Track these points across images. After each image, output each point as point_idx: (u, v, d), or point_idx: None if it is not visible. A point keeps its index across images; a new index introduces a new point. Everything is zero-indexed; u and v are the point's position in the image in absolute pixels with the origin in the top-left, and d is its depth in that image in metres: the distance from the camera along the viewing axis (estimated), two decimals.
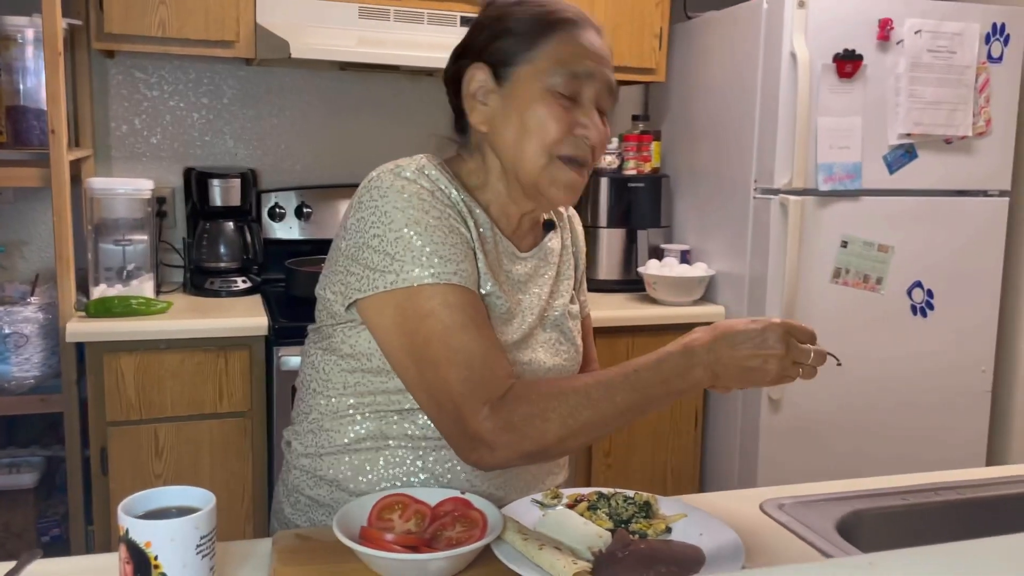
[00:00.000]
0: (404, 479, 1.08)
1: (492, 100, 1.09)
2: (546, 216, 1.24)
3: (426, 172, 1.07)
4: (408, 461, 1.08)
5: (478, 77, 1.09)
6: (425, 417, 1.07)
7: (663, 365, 0.96)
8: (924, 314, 2.45)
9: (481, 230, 1.10)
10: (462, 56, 1.12)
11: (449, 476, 1.08)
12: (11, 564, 0.87)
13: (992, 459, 2.65)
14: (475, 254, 1.07)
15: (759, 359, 0.93)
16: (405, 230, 1.01)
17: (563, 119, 1.06)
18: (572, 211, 1.32)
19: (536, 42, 1.07)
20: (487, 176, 1.13)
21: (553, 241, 1.22)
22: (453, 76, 1.13)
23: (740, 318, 1.01)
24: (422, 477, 1.08)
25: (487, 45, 1.09)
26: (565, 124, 1.06)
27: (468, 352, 0.99)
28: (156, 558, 0.80)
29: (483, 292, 1.07)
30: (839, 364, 0.98)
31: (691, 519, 1.03)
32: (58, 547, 2.19)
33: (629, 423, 0.99)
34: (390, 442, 1.08)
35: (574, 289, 1.26)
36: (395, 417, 1.08)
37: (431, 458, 1.08)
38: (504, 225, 1.15)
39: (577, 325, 1.24)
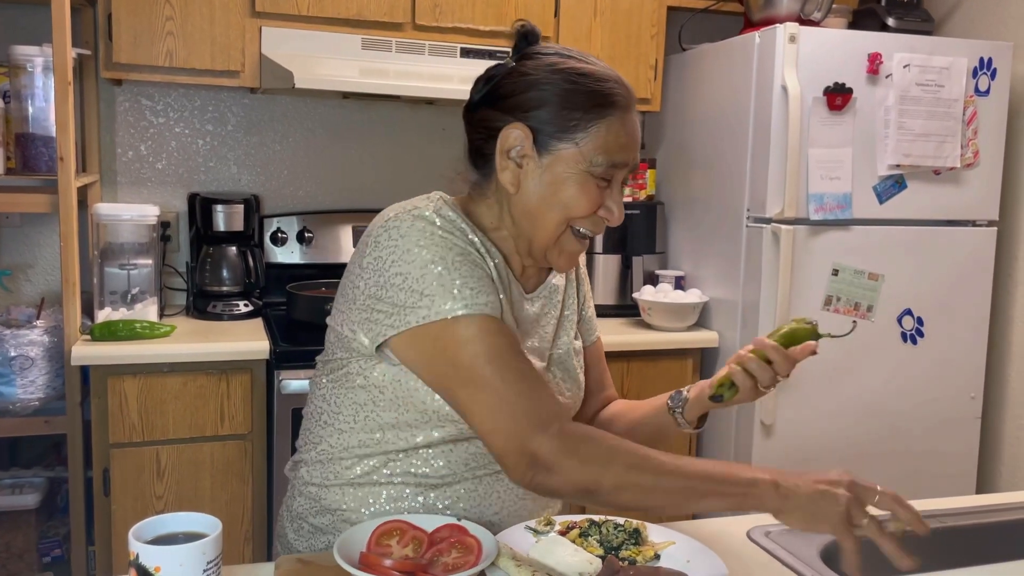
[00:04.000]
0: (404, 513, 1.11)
1: (528, 165, 1.09)
2: None
3: (443, 213, 1.09)
4: (409, 497, 1.12)
5: (519, 139, 1.08)
6: (427, 456, 1.10)
7: (733, 466, 1.00)
8: (914, 341, 2.49)
9: (497, 270, 1.13)
10: (495, 100, 1.11)
11: (448, 513, 1.12)
12: None
13: (982, 485, 2.68)
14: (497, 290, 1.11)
15: (827, 484, 0.97)
16: (431, 266, 1.04)
17: (594, 200, 1.09)
18: None
19: (586, 126, 1.07)
20: (500, 222, 1.15)
21: (557, 279, 1.24)
22: (482, 119, 1.12)
23: None
24: (422, 513, 1.11)
25: (529, 108, 1.08)
26: (595, 205, 1.09)
27: (520, 371, 1.03)
28: None
29: None
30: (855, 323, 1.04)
31: (679, 546, 1.07)
32: (59, 568, 2.22)
33: (677, 508, 1.00)
34: (394, 479, 1.12)
35: (577, 323, 1.28)
36: (400, 455, 1.12)
37: (432, 495, 1.12)
38: (515, 266, 1.18)
39: (580, 362, 1.26)
